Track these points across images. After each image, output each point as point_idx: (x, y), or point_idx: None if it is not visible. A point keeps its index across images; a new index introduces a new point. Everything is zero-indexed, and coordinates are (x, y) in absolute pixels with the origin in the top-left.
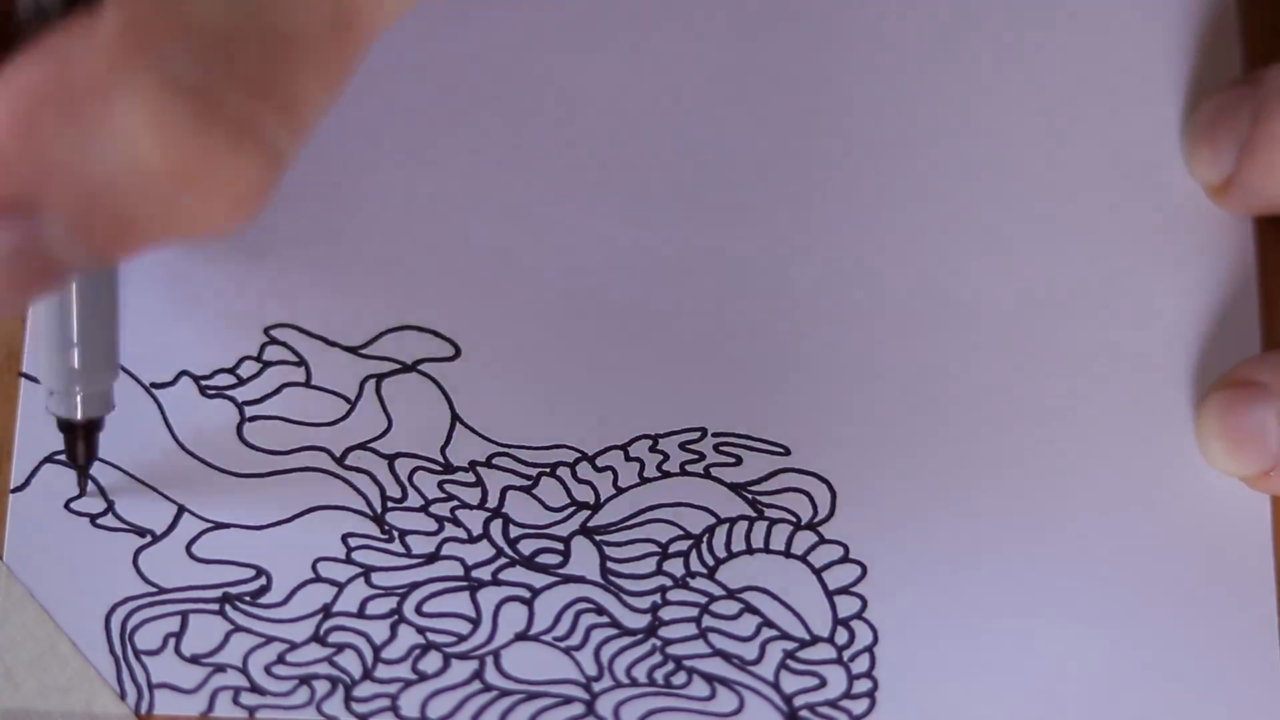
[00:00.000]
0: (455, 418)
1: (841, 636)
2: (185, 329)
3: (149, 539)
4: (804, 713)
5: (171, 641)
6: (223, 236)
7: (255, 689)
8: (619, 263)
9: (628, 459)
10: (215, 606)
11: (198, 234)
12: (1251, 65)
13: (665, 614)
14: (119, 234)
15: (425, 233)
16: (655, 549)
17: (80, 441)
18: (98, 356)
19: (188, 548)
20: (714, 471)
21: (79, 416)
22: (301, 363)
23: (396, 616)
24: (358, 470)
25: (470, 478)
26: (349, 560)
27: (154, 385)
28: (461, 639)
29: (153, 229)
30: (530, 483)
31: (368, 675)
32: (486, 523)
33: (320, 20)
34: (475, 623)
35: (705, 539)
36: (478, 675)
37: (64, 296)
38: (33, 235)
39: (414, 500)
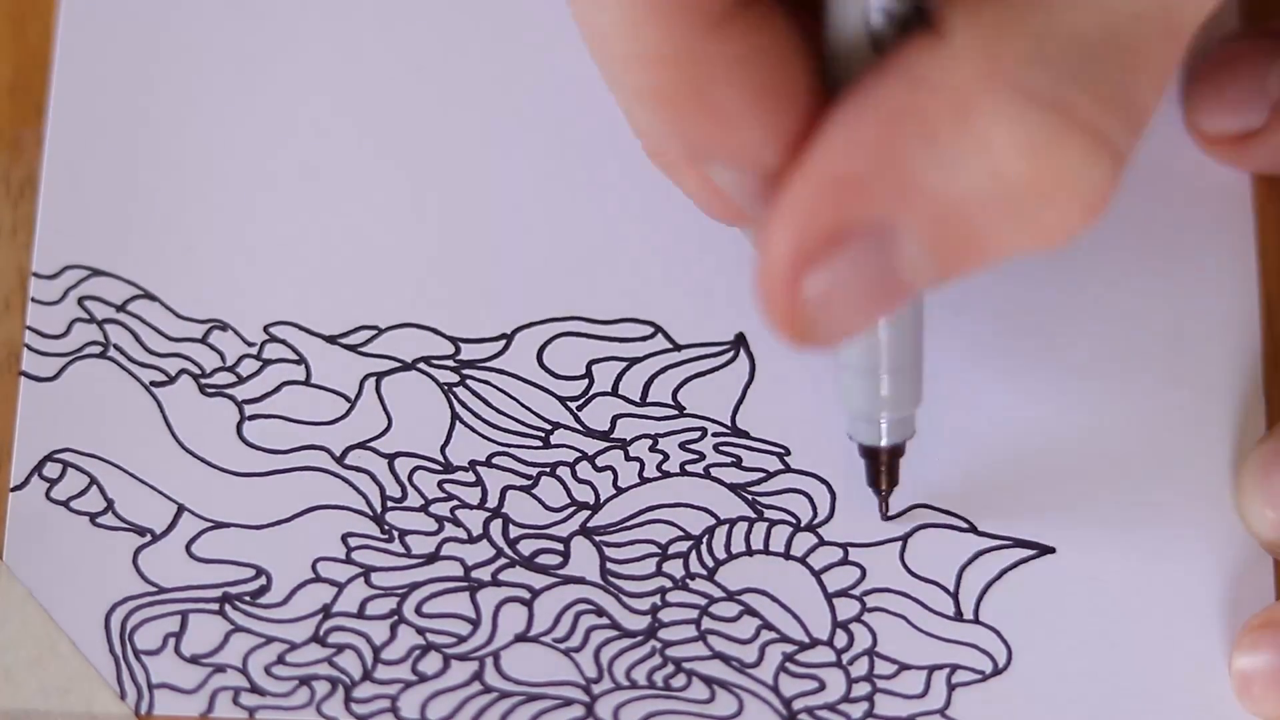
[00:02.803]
0: (455, 417)
1: (840, 640)
2: (186, 326)
3: (149, 538)
4: (803, 716)
5: (171, 641)
6: (1063, 248)
7: (255, 689)
8: (619, 262)
9: (628, 459)
10: (215, 606)
11: (1043, 247)
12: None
13: (665, 615)
14: (970, 251)
15: (426, 232)
16: (655, 550)
17: (884, 468)
18: (905, 385)
19: (187, 547)
20: (714, 472)
21: (884, 443)
22: (301, 361)
23: (396, 617)
24: (358, 470)
25: (470, 477)
26: (349, 560)
27: (154, 385)
28: (461, 640)
29: (1004, 244)
30: (530, 482)
31: (367, 676)
32: (486, 523)
33: (1155, 30)
34: (475, 624)
35: (705, 540)
36: (477, 676)
37: (875, 331)
38: (888, 257)
39: (414, 500)
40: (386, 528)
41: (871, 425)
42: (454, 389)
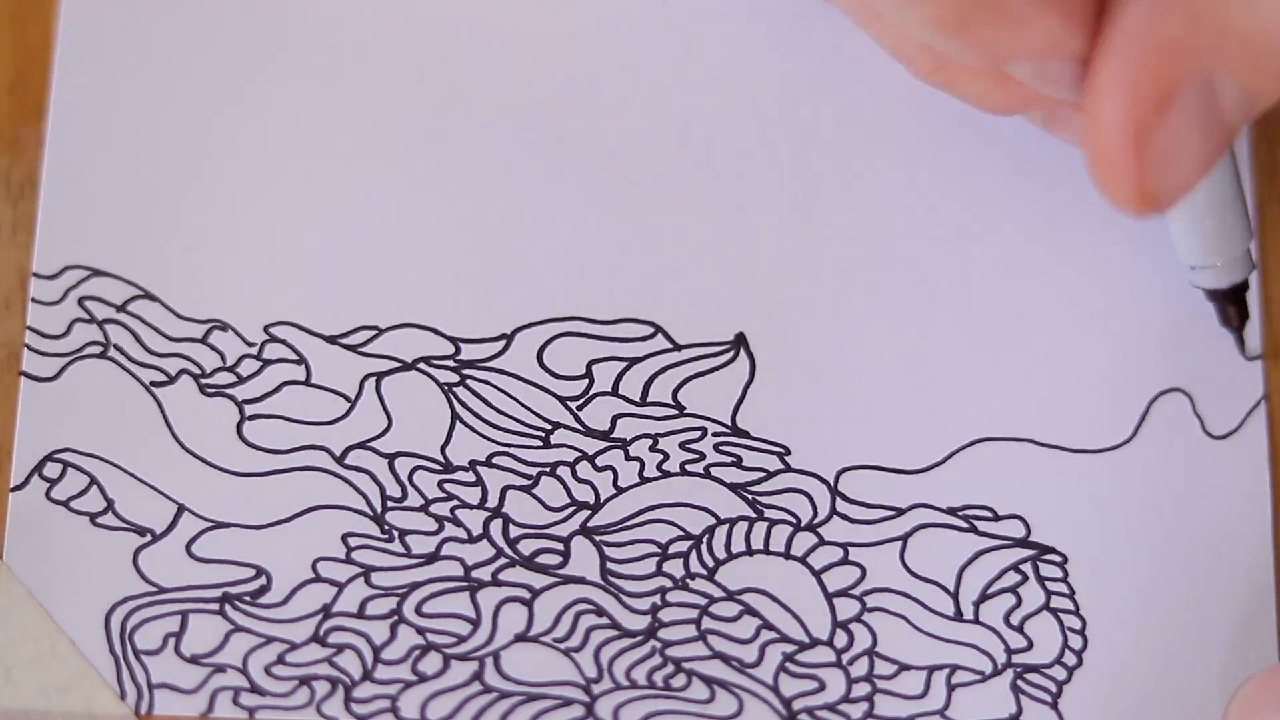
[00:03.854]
0: (455, 417)
1: (840, 640)
2: (186, 326)
3: (149, 538)
4: (803, 716)
5: (171, 641)
6: None
7: (255, 689)
8: (619, 262)
9: (628, 458)
10: (215, 606)
11: None
12: None
13: (665, 615)
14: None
15: (426, 231)
16: (655, 550)
17: (1230, 305)
18: (1234, 223)
19: (187, 547)
20: (714, 471)
21: (1224, 284)
22: (301, 361)
23: (396, 617)
24: (358, 469)
25: (470, 477)
26: (349, 560)
27: (153, 384)
28: (461, 640)
29: None
30: (530, 482)
31: (367, 676)
32: (486, 523)
33: None
34: (475, 623)
35: (705, 540)
36: (477, 676)
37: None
38: (1213, 106)
39: (414, 500)
40: (386, 528)
41: (1209, 269)
42: (454, 389)
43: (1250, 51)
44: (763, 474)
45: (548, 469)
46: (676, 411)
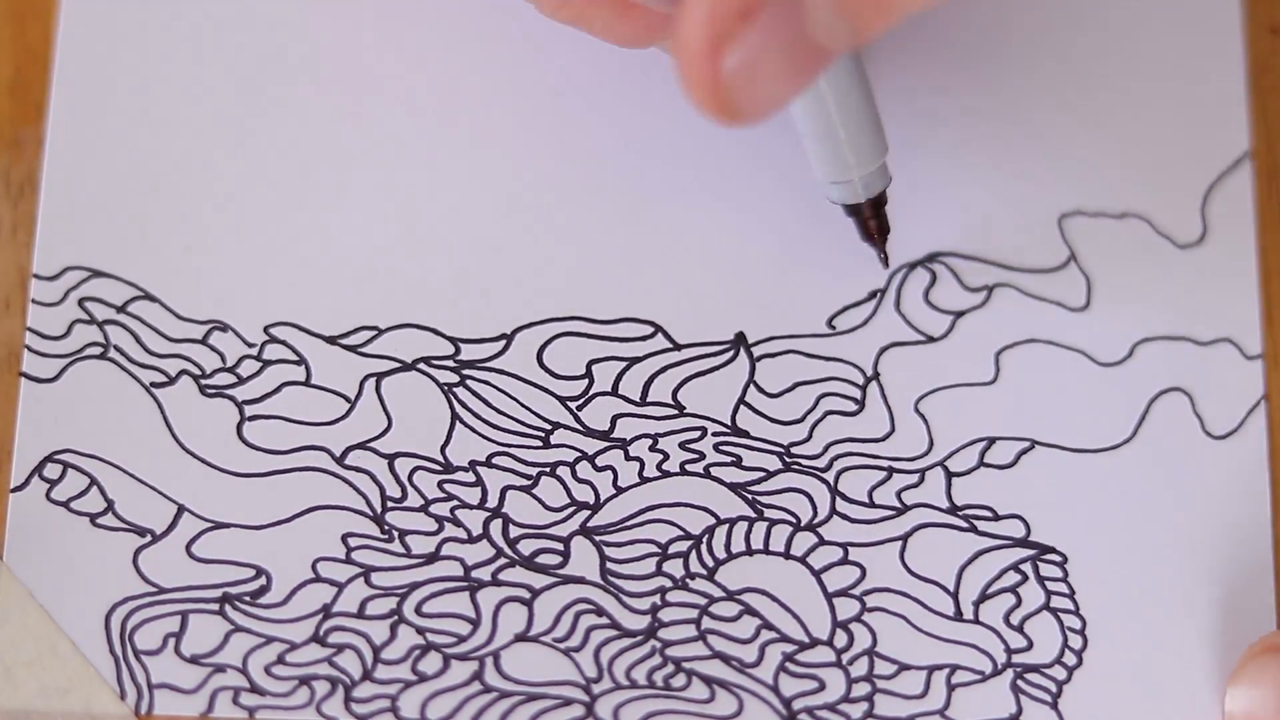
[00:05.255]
0: (455, 417)
1: (840, 639)
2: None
3: (149, 539)
4: (803, 715)
5: (171, 641)
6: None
7: (255, 689)
8: (619, 262)
9: (628, 458)
10: (215, 606)
11: (935, 3)
12: (1253, 56)
13: (665, 615)
14: (880, 8)
15: (426, 232)
16: (655, 550)
17: (871, 219)
18: (866, 139)
19: (188, 547)
20: (714, 471)
21: (863, 198)
22: (301, 362)
23: (396, 617)
24: (358, 470)
25: (470, 477)
26: (349, 560)
27: (154, 385)
28: (461, 640)
29: (910, 1)
30: (530, 482)
31: (367, 676)
32: (486, 523)
33: None
34: (475, 623)
35: (705, 540)
36: (477, 676)
37: (821, 97)
38: (799, 25)
39: (414, 500)
40: (386, 528)
41: (845, 184)
42: (454, 389)
43: None
44: (763, 474)
45: (548, 469)
46: (676, 411)
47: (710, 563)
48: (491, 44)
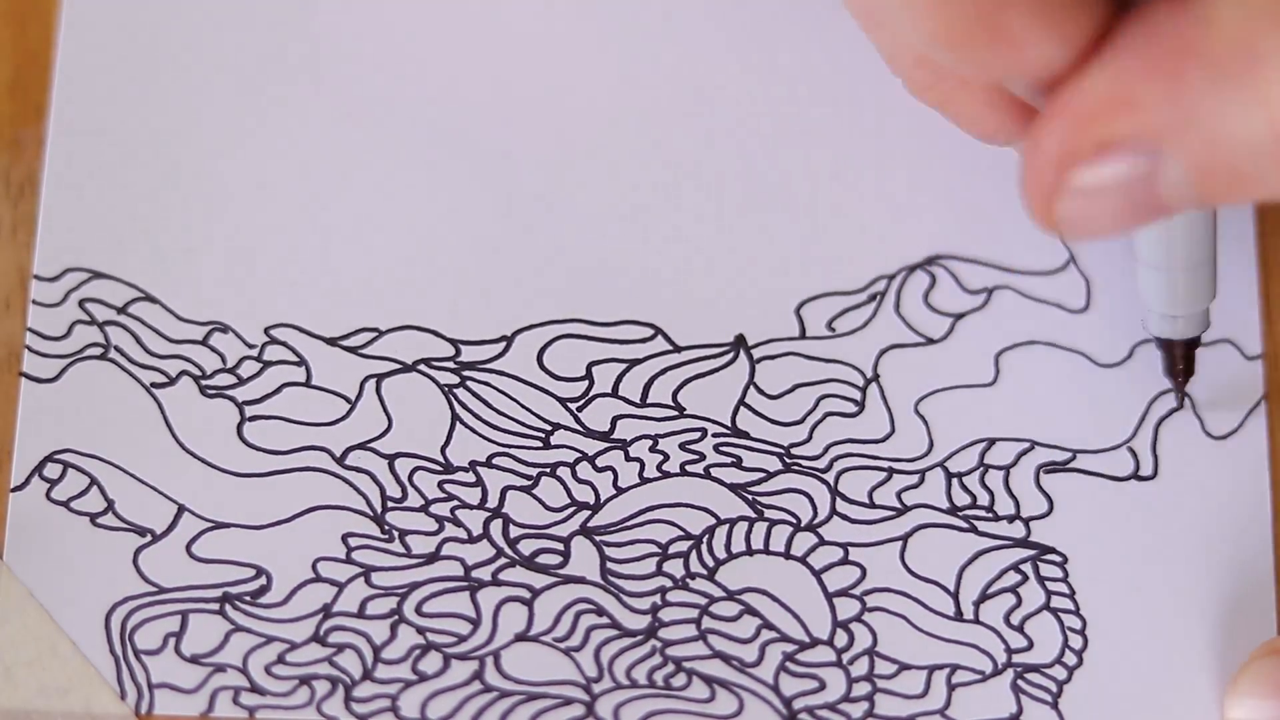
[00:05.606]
0: (455, 418)
1: (841, 639)
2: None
3: (149, 538)
4: (803, 715)
5: (171, 641)
6: None
7: (255, 689)
8: (619, 263)
9: (628, 459)
10: (215, 606)
11: None
12: None
13: (665, 615)
14: (1233, 188)
15: (426, 233)
16: (655, 550)
17: (1180, 359)
18: (1199, 283)
19: (188, 547)
20: (714, 472)
21: (1179, 336)
22: (302, 362)
23: (396, 617)
24: (358, 470)
25: (470, 477)
26: (349, 560)
27: (154, 385)
28: (461, 639)
29: (1268, 190)
30: (530, 483)
31: (368, 675)
32: (486, 523)
33: None
34: (475, 623)
35: (705, 540)
36: (477, 676)
37: (1170, 230)
38: (1149, 172)
39: (414, 500)
40: (387, 528)
41: (1166, 319)
42: (454, 390)
43: (1210, 148)
44: (763, 474)
45: (548, 469)
46: (676, 412)
47: (710, 563)
48: (491, 44)
